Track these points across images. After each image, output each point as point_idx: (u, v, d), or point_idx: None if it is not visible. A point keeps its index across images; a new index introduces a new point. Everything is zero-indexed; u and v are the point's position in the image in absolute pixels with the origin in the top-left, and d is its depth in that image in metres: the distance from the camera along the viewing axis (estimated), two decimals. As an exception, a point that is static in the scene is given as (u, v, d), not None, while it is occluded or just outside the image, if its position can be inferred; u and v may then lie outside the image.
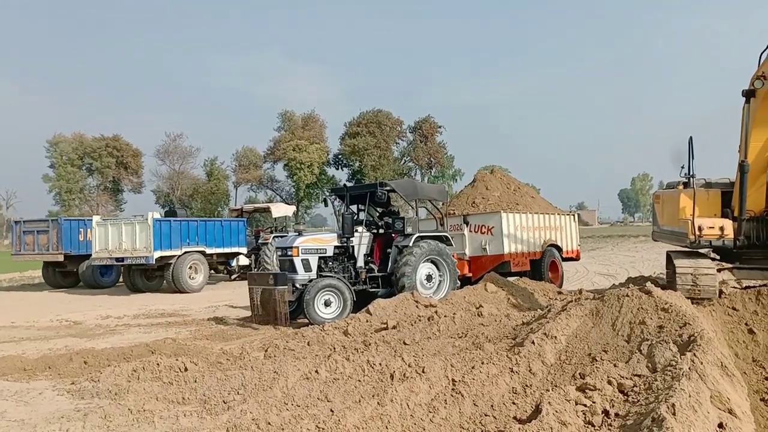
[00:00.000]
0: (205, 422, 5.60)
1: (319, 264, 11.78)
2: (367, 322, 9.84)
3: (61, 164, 70.36)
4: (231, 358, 8.23)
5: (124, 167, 71.46)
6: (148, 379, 7.13)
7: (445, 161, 71.21)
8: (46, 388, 7.12)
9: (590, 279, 18.62)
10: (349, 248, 12.07)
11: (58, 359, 8.55)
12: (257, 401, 5.92)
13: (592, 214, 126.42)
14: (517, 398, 5.65)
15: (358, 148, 65.36)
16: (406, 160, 71.03)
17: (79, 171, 71.80)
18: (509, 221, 14.34)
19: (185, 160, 72.31)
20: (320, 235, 12.62)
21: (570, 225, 16.51)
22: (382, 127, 66.72)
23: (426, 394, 5.66)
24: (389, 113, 68.47)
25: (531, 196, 16.52)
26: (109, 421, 5.68)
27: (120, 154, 70.44)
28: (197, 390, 6.49)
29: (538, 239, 15.11)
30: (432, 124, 68.99)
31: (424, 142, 68.94)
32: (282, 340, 9.10)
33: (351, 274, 11.97)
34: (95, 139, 71.18)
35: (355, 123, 67.60)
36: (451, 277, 12.30)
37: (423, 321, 9.39)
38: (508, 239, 14.18)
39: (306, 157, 64.96)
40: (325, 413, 5.45)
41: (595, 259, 26.95)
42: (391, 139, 68.64)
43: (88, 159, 70.63)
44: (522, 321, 8.69)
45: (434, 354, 7.35)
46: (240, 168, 70.15)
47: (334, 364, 6.68)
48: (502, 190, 16.11)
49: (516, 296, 11.51)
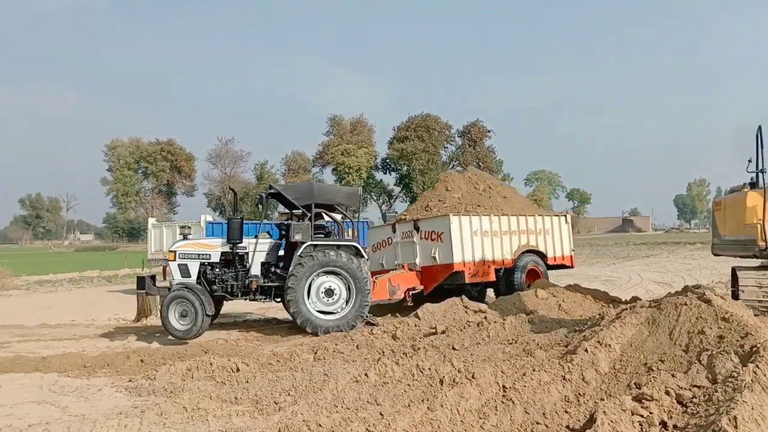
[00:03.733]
0: (257, 422, 5.68)
1: (203, 270, 10.95)
2: (415, 326, 9.84)
3: (118, 168, 72.70)
4: (281, 359, 8.33)
5: (178, 171, 73.35)
6: (201, 378, 7.29)
7: (494, 165, 70.74)
8: (105, 385, 7.34)
9: (644, 286, 18.17)
10: (240, 255, 11.12)
11: (116, 357, 8.81)
12: (308, 403, 5.97)
13: (646, 220, 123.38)
14: (569, 407, 5.55)
15: (406, 153, 65.46)
16: (454, 165, 70.80)
17: (135, 174, 74.07)
18: (462, 226, 12.57)
19: (236, 164, 73.93)
20: (206, 240, 11.90)
21: (560, 228, 14.27)
22: (430, 131, 66.70)
23: (476, 400, 5.61)
24: (438, 117, 68.47)
25: (503, 196, 14.45)
26: (165, 418, 5.82)
27: (174, 158, 72.35)
28: (249, 390, 6.60)
29: (507, 245, 13.25)
30: (481, 128, 68.65)
31: (473, 146, 68.66)
32: (331, 343, 9.17)
33: (241, 283, 11.01)
34: (151, 143, 73.34)
35: (403, 127, 67.77)
36: (359, 293, 10.70)
37: (472, 326, 9.32)
38: (459, 246, 12.45)
39: (354, 162, 65.44)
40: (374, 416, 5.46)
41: (649, 266, 26.30)
42: (439, 143, 68.58)
43: (144, 163, 72.80)
44: (574, 328, 8.54)
45: (484, 360, 7.29)
46: (289, 172, 71.15)
47: (383, 367, 6.69)
48: (466, 190, 14.26)
49: (567, 303, 11.30)
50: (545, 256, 13.87)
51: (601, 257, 32.78)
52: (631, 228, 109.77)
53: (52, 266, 33.69)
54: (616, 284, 18.35)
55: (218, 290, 10.97)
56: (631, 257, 31.91)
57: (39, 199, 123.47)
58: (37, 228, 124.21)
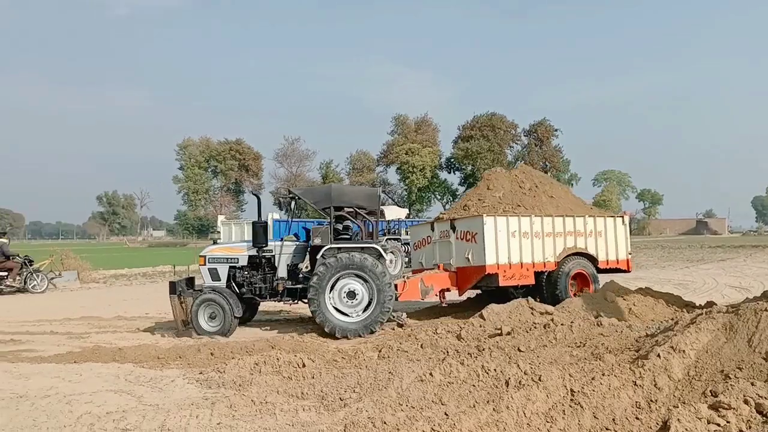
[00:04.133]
0: (323, 417, 5.76)
1: (232, 273, 11.35)
2: (480, 327, 9.75)
3: (189, 166, 74.98)
4: (346, 356, 8.41)
5: (246, 169, 75.06)
6: (269, 373, 7.44)
7: (561, 165, 69.45)
8: (177, 376, 7.59)
9: (720, 291, 17.44)
10: (267, 258, 11.39)
11: (187, 350, 9.11)
12: (372, 400, 6.01)
13: (722, 222, 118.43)
14: (640, 413, 5.39)
15: (471, 152, 65.03)
16: (519, 164, 69.89)
17: (205, 173, 76.22)
18: (498, 226, 12.11)
19: (302, 163, 75.17)
20: (235, 245, 12.05)
21: (615, 230, 13.43)
22: (496, 130, 66.06)
23: (543, 403, 5.52)
24: (503, 117, 67.70)
25: (550, 196, 13.74)
26: (234, 411, 5.98)
27: (242, 157, 74.11)
28: (315, 386, 6.69)
29: (550, 247, 12.67)
30: (548, 127, 67.53)
31: (539, 145, 67.61)
32: (395, 342, 9.20)
33: (269, 285, 11.30)
34: (220, 142, 75.36)
35: (468, 126, 67.36)
36: (379, 295, 10.59)
37: (538, 328, 9.17)
38: (493, 248, 12.01)
39: (418, 161, 65.41)
40: (439, 416, 5.45)
41: (725, 270, 25.24)
42: (504, 142, 67.82)
43: (213, 161, 74.85)
44: (645, 333, 8.28)
45: (551, 362, 7.15)
46: (354, 171, 71.73)
47: (448, 367, 6.66)
48: (509, 189, 13.66)
49: (638, 306, 10.97)
50: (596, 260, 13.11)
51: (674, 260, 31.66)
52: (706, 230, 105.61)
53: (127, 261, 35.08)
54: (690, 288, 17.67)
55: (247, 292, 11.31)
56: (706, 260, 30.68)
57: (115, 197, 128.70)
58: (113, 224, 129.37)
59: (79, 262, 24.36)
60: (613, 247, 13.31)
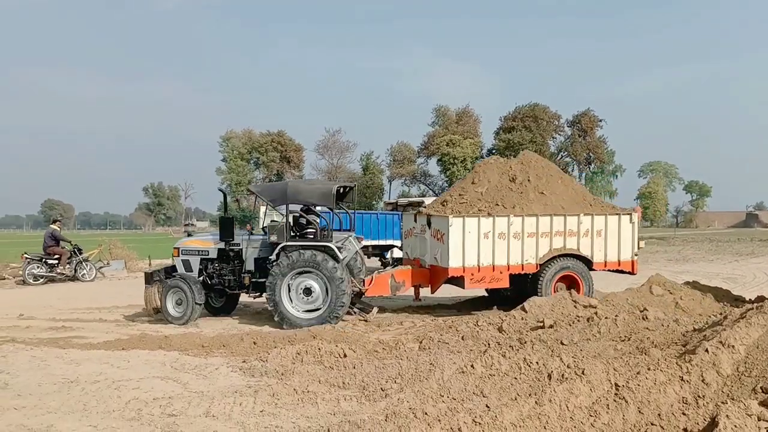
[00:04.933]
0: (364, 407, 5.80)
1: (203, 266, 11.79)
2: (522, 319, 9.67)
3: (231, 158, 75.95)
4: (386, 347, 8.45)
5: (287, 161, 75.66)
6: (310, 362, 7.53)
7: (605, 156, 68.11)
8: (221, 365, 7.73)
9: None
10: (236, 251, 11.74)
11: (231, 338, 9.27)
12: (413, 391, 6.03)
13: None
14: (687, 409, 5.28)
15: (512, 143, 64.21)
16: (563, 156, 68.78)
17: (247, 165, 77.10)
18: (465, 228, 11.53)
19: (343, 155, 75.28)
20: (206, 237, 12.52)
21: (618, 228, 12.28)
22: (538, 121, 65.06)
23: (587, 396, 5.45)
24: (546, 107, 66.62)
25: (540, 192, 12.49)
26: (277, 399, 6.07)
27: (283, 149, 74.70)
28: (356, 376, 6.74)
29: (531, 248, 11.86)
30: (592, 117, 66.17)
31: (583, 136, 66.36)
32: (436, 333, 9.19)
33: (237, 278, 11.68)
34: (262, 134, 76.10)
35: (510, 117, 66.54)
36: (332, 291, 10.79)
37: (582, 321, 9.05)
38: (458, 250, 11.50)
39: (459, 152, 64.98)
40: (480, 408, 5.43)
41: (776, 264, 24.48)
42: (547, 133, 66.77)
43: (256, 153, 75.64)
44: (693, 327, 8.10)
45: (594, 356, 7.05)
46: (394, 163, 71.64)
47: (489, 359, 6.63)
48: (496, 183, 12.65)
49: (685, 300, 10.74)
50: (589, 262, 12.17)
51: (722, 253, 30.81)
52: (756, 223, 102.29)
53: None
54: (739, 282, 17.20)
55: (217, 284, 11.76)
56: (756, 254, 29.76)
57: (160, 188, 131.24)
58: (159, 215, 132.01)
59: (126, 252, 24.96)
60: (614, 247, 12.28)
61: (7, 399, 6.33)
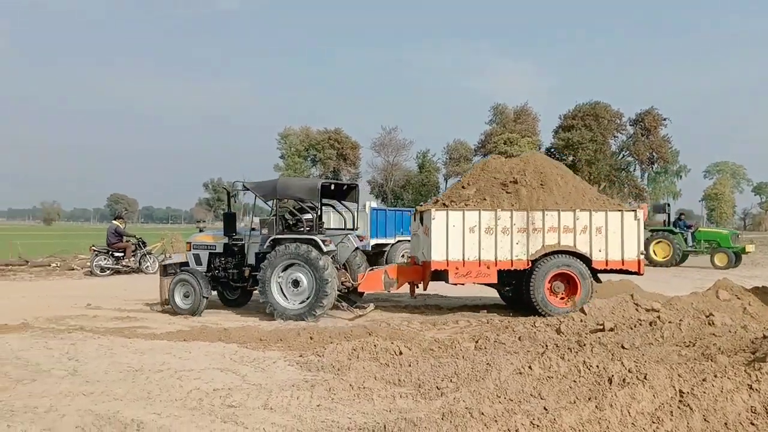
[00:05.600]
0: (420, 405, 5.79)
1: (212, 260, 12.30)
2: (581, 321, 9.47)
3: (289, 155, 77.03)
4: (442, 346, 8.40)
5: (344, 158, 76.25)
6: (366, 359, 7.55)
7: (669, 156, 66.10)
8: (279, 358, 7.85)
9: None
10: (239, 246, 12.20)
11: (287, 333, 9.41)
12: (470, 391, 5.98)
13: None
14: (756, 418, 5.07)
15: (572, 142, 63.07)
16: (624, 155, 67.11)
17: (305, 162, 78.06)
18: (448, 221, 11.43)
19: (399, 153, 75.29)
20: (215, 233, 12.92)
21: (621, 225, 11.67)
22: (599, 119, 63.64)
23: (649, 402, 5.30)
24: (608, 105, 65.08)
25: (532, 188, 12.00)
26: (333, 394, 6.12)
27: (340, 146, 75.32)
28: (412, 374, 6.74)
29: (522, 244, 11.54)
30: (656, 116, 64.29)
31: (646, 135, 64.54)
32: (492, 333, 9.10)
33: (240, 271, 12.09)
34: (319, 132, 76.90)
35: (570, 116, 65.31)
36: (318, 283, 11.01)
37: (644, 325, 8.80)
38: (443, 243, 11.44)
39: (517, 151, 64.10)
40: (538, 410, 5.35)
41: None
42: (608, 132, 65.24)
43: (313, 150, 76.49)
44: (762, 334, 7.76)
45: (657, 361, 6.85)
46: (450, 161, 71.31)
47: (548, 361, 6.52)
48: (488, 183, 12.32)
49: (755, 306, 10.31)
50: (588, 259, 11.62)
51: (794, 258, 29.48)
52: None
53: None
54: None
55: (223, 277, 12.28)
56: (831, 260, 28.38)
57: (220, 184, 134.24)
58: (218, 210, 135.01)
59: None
60: (617, 245, 11.66)
61: (76, 385, 6.59)
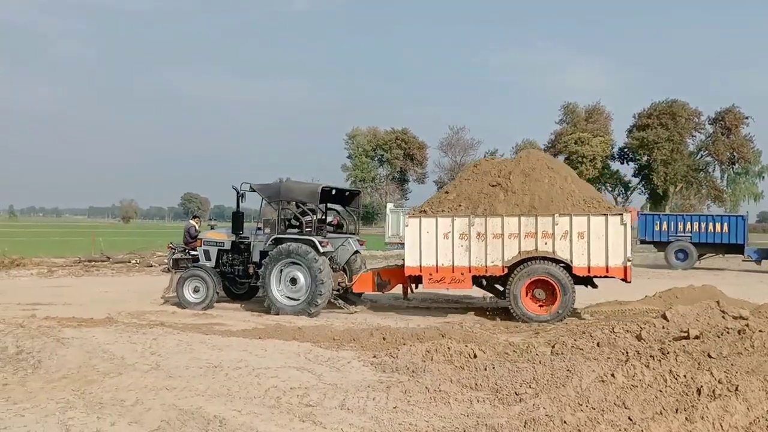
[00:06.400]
0: (498, 411, 5.68)
1: (220, 256, 12.96)
2: (663, 328, 9.11)
3: (357, 155, 77.69)
4: (517, 350, 8.25)
5: (411, 158, 76.39)
6: (440, 361, 7.48)
7: (751, 156, 62.99)
8: (353, 358, 7.87)
9: None
10: (246, 244, 12.80)
11: (360, 333, 9.44)
12: (550, 397, 5.83)
13: None
14: None
15: (647, 142, 60.98)
16: (703, 155, 64.45)
17: (372, 162, 78.56)
18: (421, 227, 11.61)
19: (466, 153, 74.94)
20: (224, 231, 13.51)
21: (606, 230, 11.08)
22: (676, 118, 61.24)
23: (743, 416, 5.04)
24: (685, 103, 62.59)
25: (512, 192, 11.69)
26: (409, 396, 6.08)
27: (407, 147, 75.49)
28: (489, 378, 6.62)
29: (497, 250, 11.26)
30: (737, 114, 61.35)
31: (726, 134, 61.70)
32: (569, 338, 8.86)
33: (245, 268, 12.75)
34: (387, 132, 77.25)
35: (645, 114, 63.17)
36: (313, 280, 11.56)
37: (732, 334, 8.37)
38: (416, 249, 11.59)
39: (588, 151, 62.65)
40: (623, 420, 5.16)
41: None
42: (686, 131, 62.74)
43: (380, 150, 76.90)
44: None
45: (748, 372, 6.50)
46: (519, 161, 70.20)
47: (632, 369, 6.28)
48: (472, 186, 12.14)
49: None
50: (569, 266, 11.17)
51: None
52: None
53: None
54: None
55: (230, 273, 12.96)
56: None
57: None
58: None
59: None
60: (601, 251, 11.10)
61: (160, 379, 6.78)
